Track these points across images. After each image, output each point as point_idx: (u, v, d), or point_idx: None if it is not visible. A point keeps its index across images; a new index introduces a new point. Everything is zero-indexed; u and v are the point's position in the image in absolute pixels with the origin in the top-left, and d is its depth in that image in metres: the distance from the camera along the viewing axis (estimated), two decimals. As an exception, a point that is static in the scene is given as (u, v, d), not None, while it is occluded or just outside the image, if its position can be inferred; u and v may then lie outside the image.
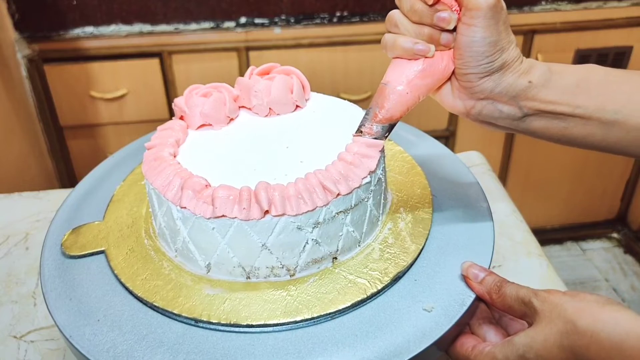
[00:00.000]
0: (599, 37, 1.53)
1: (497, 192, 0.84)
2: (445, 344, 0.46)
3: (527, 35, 1.50)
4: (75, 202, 0.61)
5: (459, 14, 0.44)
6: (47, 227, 0.57)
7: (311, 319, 0.45)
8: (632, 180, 1.80)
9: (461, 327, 0.47)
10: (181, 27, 1.43)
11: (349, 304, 0.45)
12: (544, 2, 1.48)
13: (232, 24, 1.44)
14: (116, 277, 0.50)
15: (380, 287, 0.47)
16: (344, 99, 0.61)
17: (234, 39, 1.44)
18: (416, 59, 0.45)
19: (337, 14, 1.45)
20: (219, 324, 0.45)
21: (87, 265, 0.52)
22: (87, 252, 0.53)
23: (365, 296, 0.46)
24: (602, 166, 1.76)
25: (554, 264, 0.73)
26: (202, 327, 0.45)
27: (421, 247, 0.51)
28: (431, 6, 0.44)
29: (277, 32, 1.44)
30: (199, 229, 0.47)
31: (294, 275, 0.48)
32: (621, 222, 1.92)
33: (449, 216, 0.55)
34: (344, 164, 0.47)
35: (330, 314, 0.45)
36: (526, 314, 0.43)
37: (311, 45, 1.45)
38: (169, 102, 1.50)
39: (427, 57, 0.45)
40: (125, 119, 1.51)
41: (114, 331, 0.45)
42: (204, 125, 0.56)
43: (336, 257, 0.50)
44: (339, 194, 0.46)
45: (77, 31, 1.41)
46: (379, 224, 0.53)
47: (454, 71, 0.46)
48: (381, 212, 0.53)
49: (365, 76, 1.49)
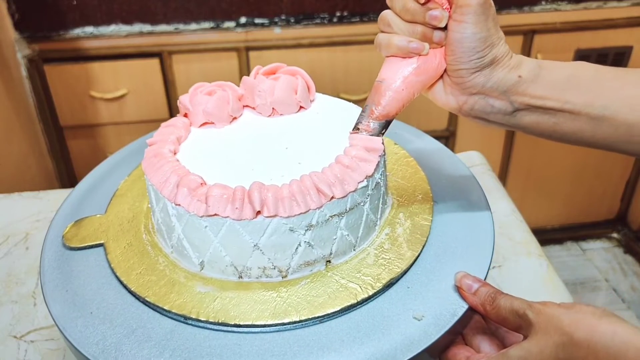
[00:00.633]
0: (599, 37, 1.53)
1: (497, 192, 0.84)
2: (434, 352, 0.45)
3: (527, 35, 1.50)
4: (80, 195, 0.61)
5: (450, 12, 0.45)
6: (47, 227, 0.57)
7: (299, 322, 0.44)
8: (632, 180, 1.80)
9: (453, 337, 0.46)
10: (181, 27, 1.43)
11: (338, 309, 0.45)
12: (544, 2, 1.48)
13: (232, 24, 1.44)
14: (112, 270, 0.51)
15: (371, 292, 0.46)
16: (344, 99, 0.61)
17: (234, 39, 1.44)
18: (411, 57, 0.47)
19: (337, 14, 1.45)
20: (207, 322, 0.45)
21: (86, 257, 0.53)
22: (86, 244, 0.54)
23: (355, 301, 0.46)
24: (602, 166, 1.76)
25: (554, 264, 0.73)
26: (191, 325, 0.46)
27: (417, 254, 0.50)
28: (423, 5, 0.45)
29: (277, 32, 1.44)
30: (193, 227, 0.47)
31: (286, 276, 0.48)
32: (621, 222, 1.92)
33: (448, 221, 0.54)
34: (341, 167, 0.47)
35: (318, 317, 0.45)
36: (521, 326, 0.42)
37: (311, 45, 1.45)
38: (169, 102, 1.50)
39: (422, 55, 0.46)
40: (125, 119, 1.51)
41: (105, 324, 0.46)
42: (206, 123, 0.57)
43: (330, 261, 0.49)
44: (333, 197, 0.46)
45: (77, 31, 1.41)
46: (377, 228, 0.52)
47: (446, 67, 0.47)
48: (379, 216, 0.53)
49: (365, 76, 1.49)
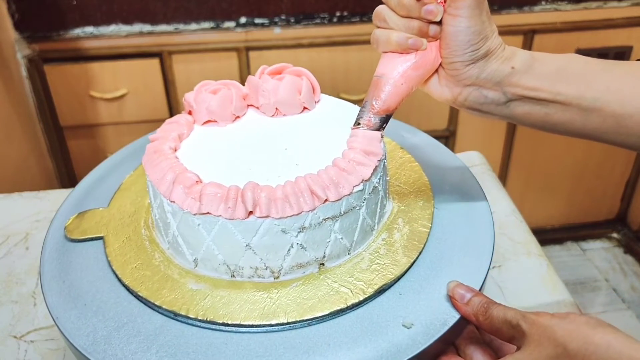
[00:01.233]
0: (599, 37, 1.53)
1: (497, 192, 0.84)
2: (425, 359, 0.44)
3: (527, 35, 1.50)
4: (86, 188, 0.62)
5: (444, 6, 0.46)
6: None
7: (286, 324, 0.44)
8: (632, 180, 1.80)
9: (444, 346, 0.45)
10: (181, 27, 1.43)
11: (327, 313, 0.45)
12: (544, 2, 1.48)
13: (232, 24, 1.44)
14: (109, 263, 0.51)
15: (361, 298, 0.46)
16: (344, 98, 0.61)
17: (234, 39, 1.44)
18: (409, 53, 0.47)
19: (337, 14, 1.45)
20: (196, 320, 0.45)
21: (86, 249, 0.54)
22: (86, 237, 0.55)
23: (344, 306, 0.45)
24: (602, 166, 1.76)
25: (554, 264, 0.73)
26: (181, 321, 0.46)
27: (412, 261, 0.49)
28: (418, 0, 0.45)
29: (277, 32, 1.44)
30: (186, 224, 0.47)
31: (278, 277, 0.48)
32: (621, 222, 1.92)
33: (448, 227, 0.53)
34: (337, 170, 0.47)
35: (307, 320, 0.44)
36: (514, 337, 0.41)
37: (311, 45, 1.45)
38: (169, 102, 1.50)
39: (420, 50, 0.47)
40: (125, 119, 1.51)
41: (97, 316, 0.47)
42: (210, 121, 0.57)
43: (323, 264, 0.49)
44: (327, 200, 0.46)
45: (77, 31, 1.41)
46: (374, 233, 0.52)
47: (441, 60, 0.48)
48: (377, 221, 0.52)
49: (365, 76, 1.49)
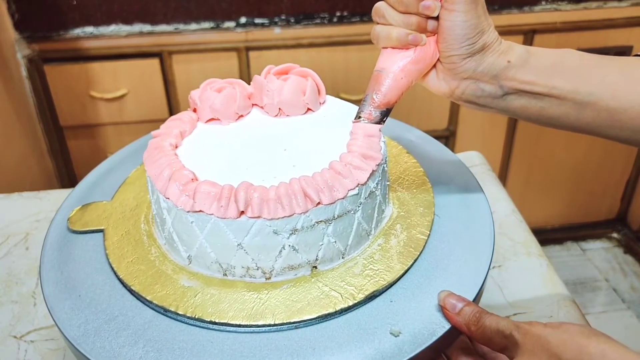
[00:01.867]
0: (599, 37, 1.53)
1: (497, 192, 0.84)
2: None
3: (527, 35, 1.50)
4: (93, 180, 0.63)
5: (441, 1, 0.46)
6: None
7: (273, 326, 0.44)
8: (632, 180, 1.80)
9: (434, 355, 0.45)
10: (181, 27, 1.43)
11: (315, 316, 0.44)
12: (544, 2, 1.48)
13: (232, 24, 1.44)
14: (107, 256, 0.52)
15: (351, 303, 0.45)
16: (344, 98, 0.61)
17: (234, 39, 1.44)
18: (408, 48, 0.48)
19: (337, 14, 1.45)
20: (184, 316, 0.45)
21: (86, 241, 0.54)
22: (88, 229, 0.56)
23: (333, 310, 0.45)
24: (602, 166, 1.76)
25: (554, 264, 0.73)
26: (169, 317, 0.46)
27: (407, 268, 0.49)
28: None
29: (277, 32, 1.44)
30: (180, 221, 0.48)
31: (269, 278, 0.48)
32: (621, 222, 1.92)
33: (447, 236, 0.52)
34: (332, 173, 0.46)
35: (294, 323, 0.44)
36: (507, 347, 0.41)
37: (311, 45, 1.45)
38: (169, 102, 1.50)
39: (420, 45, 0.48)
40: (125, 119, 1.51)
41: (89, 308, 0.47)
42: (213, 119, 0.57)
43: (316, 266, 0.48)
44: (320, 203, 0.45)
45: (77, 31, 1.41)
46: (370, 238, 0.51)
47: (438, 54, 0.49)
48: (373, 226, 0.51)
49: (365, 76, 1.48)
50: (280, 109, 0.57)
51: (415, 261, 0.49)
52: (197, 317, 0.45)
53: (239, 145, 0.54)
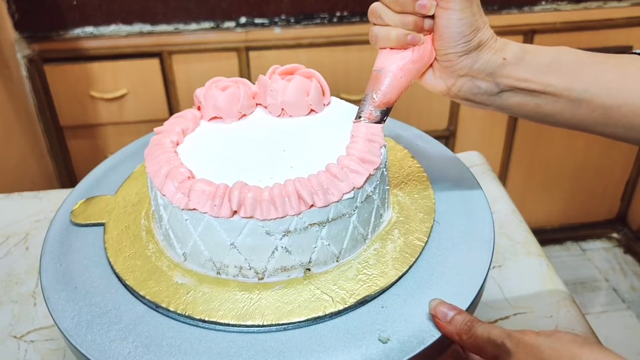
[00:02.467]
0: (599, 37, 1.53)
1: (497, 192, 0.84)
2: None
3: (527, 35, 1.50)
4: (99, 174, 0.64)
5: (436, 0, 0.47)
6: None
7: (262, 326, 0.44)
8: (632, 180, 1.80)
9: None
10: (181, 27, 1.43)
11: (304, 319, 0.44)
12: (544, 2, 1.48)
13: (232, 24, 1.44)
14: (105, 250, 0.52)
15: (341, 307, 0.45)
16: (344, 99, 0.60)
17: (234, 39, 1.44)
18: (407, 48, 0.49)
19: (337, 14, 1.45)
20: (175, 313, 0.46)
21: (87, 234, 0.55)
22: (89, 222, 0.56)
23: (322, 314, 0.44)
24: (602, 166, 1.76)
25: (554, 264, 0.73)
26: (161, 313, 0.46)
27: (401, 274, 0.48)
28: None
29: (277, 32, 1.44)
30: (176, 218, 0.48)
31: (262, 279, 0.48)
32: (621, 222, 1.92)
33: (445, 243, 0.52)
34: (328, 176, 0.46)
35: (282, 324, 0.44)
36: (499, 356, 0.40)
37: (311, 45, 1.45)
38: (169, 102, 1.50)
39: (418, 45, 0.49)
40: (125, 119, 1.51)
41: (84, 301, 0.48)
42: (216, 117, 0.57)
43: (309, 269, 0.48)
44: (313, 206, 0.45)
45: (77, 31, 1.41)
46: (366, 242, 0.51)
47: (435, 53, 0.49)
48: (370, 230, 0.51)
49: (365, 76, 1.48)
50: (283, 109, 0.57)
51: (410, 267, 0.49)
52: (187, 314, 0.45)
53: (239, 144, 0.54)
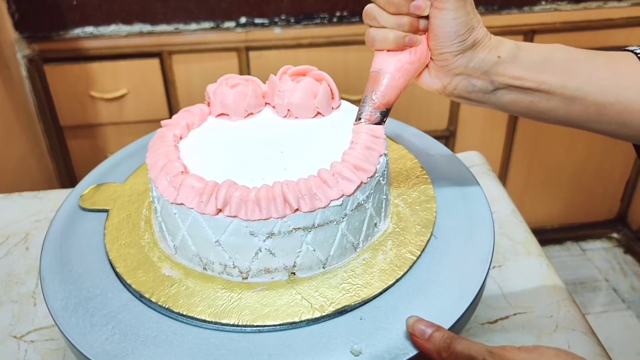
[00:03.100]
0: (599, 37, 1.53)
1: (497, 192, 0.84)
2: None
3: (527, 35, 1.50)
4: (115, 161, 0.66)
5: (431, 0, 0.47)
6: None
7: (236, 326, 0.44)
8: (632, 180, 1.80)
9: None
10: (181, 27, 1.43)
11: (278, 323, 0.44)
12: (544, 2, 1.48)
13: (232, 24, 1.44)
14: (104, 236, 0.54)
15: (317, 315, 0.44)
16: (344, 98, 0.60)
17: (234, 39, 1.44)
18: (404, 50, 0.49)
19: (337, 14, 1.45)
20: (156, 304, 0.46)
21: (91, 220, 0.57)
22: (95, 207, 0.58)
23: (298, 320, 0.44)
24: (602, 166, 1.76)
25: (554, 264, 0.73)
26: (144, 303, 0.47)
27: (386, 287, 0.47)
28: None
29: (277, 32, 1.44)
30: (166, 211, 0.49)
31: (246, 278, 0.48)
32: (621, 222, 1.92)
33: (438, 259, 0.50)
34: (317, 181, 0.45)
35: (257, 326, 0.44)
36: None
37: (311, 45, 1.45)
38: (169, 102, 1.50)
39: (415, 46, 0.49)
40: (125, 119, 1.51)
41: (75, 284, 0.49)
42: (223, 114, 0.58)
43: (294, 273, 0.48)
44: (298, 210, 0.45)
45: (77, 31, 1.41)
46: (357, 251, 0.50)
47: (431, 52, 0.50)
48: (361, 239, 0.50)
49: (365, 76, 1.48)
50: (289, 110, 0.57)
51: (397, 281, 0.48)
52: (167, 306, 0.46)
53: (240, 142, 0.54)
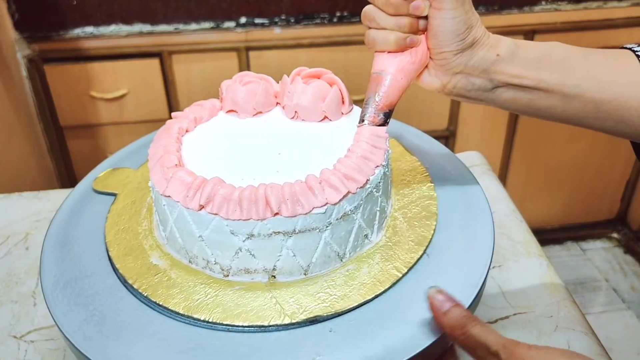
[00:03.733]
0: (599, 37, 1.52)
1: (497, 192, 0.84)
2: None
3: (528, 35, 1.50)
4: (138, 146, 0.68)
5: (429, 0, 0.47)
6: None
7: (206, 322, 0.44)
8: (632, 180, 1.80)
9: None
10: (181, 27, 1.43)
11: (246, 324, 0.44)
12: (544, 2, 1.48)
13: (232, 24, 1.44)
14: (106, 220, 0.55)
15: (287, 322, 0.44)
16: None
17: (234, 39, 1.44)
18: (405, 50, 0.49)
19: (337, 14, 1.45)
20: (137, 292, 0.47)
21: (99, 201, 0.59)
22: (105, 190, 0.60)
23: (266, 324, 0.44)
24: (602, 166, 1.76)
25: (554, 264, 0.73)
26: (127, 289, 0.48)
27: (363, 301, 0.45)
28: None
29: (277, 32, 1.44)
30: (158, 202, 0.50)
31: (227, 276, 0.48)
32: (621, 222, 1.92)
33: (424, 280, 0.48)
34: (303, 187, 0.45)
35: (225, 325, 0.44)
36: None
37: (311, 45, 1.45)
38: (169, 102, 1.50)
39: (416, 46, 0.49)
40: (125, 119, 1.51)
41: (68, 264, 0.50)
42: (233, 111, 0.58)
43: (275, 276, 0.48)
44: (278, 214, 0.44)
45: (77, 31, 1.41)
46: (342, 261, 0.49)
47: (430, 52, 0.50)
48: (348, 250, 0.49)
49: (365, 76, 1.48)
50: (296, 112, 0.57)
51: (376, 296, 0.46)
52: (146, 295, 0.47)
53: (242, 140, 0.54)
